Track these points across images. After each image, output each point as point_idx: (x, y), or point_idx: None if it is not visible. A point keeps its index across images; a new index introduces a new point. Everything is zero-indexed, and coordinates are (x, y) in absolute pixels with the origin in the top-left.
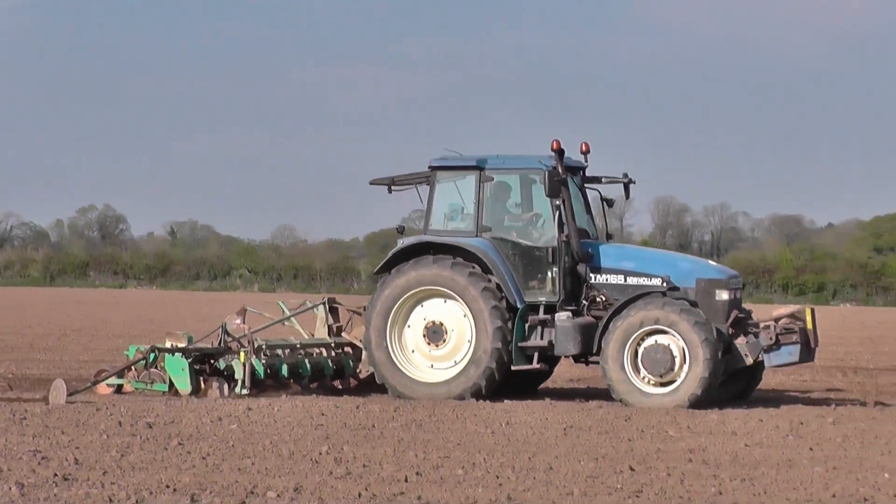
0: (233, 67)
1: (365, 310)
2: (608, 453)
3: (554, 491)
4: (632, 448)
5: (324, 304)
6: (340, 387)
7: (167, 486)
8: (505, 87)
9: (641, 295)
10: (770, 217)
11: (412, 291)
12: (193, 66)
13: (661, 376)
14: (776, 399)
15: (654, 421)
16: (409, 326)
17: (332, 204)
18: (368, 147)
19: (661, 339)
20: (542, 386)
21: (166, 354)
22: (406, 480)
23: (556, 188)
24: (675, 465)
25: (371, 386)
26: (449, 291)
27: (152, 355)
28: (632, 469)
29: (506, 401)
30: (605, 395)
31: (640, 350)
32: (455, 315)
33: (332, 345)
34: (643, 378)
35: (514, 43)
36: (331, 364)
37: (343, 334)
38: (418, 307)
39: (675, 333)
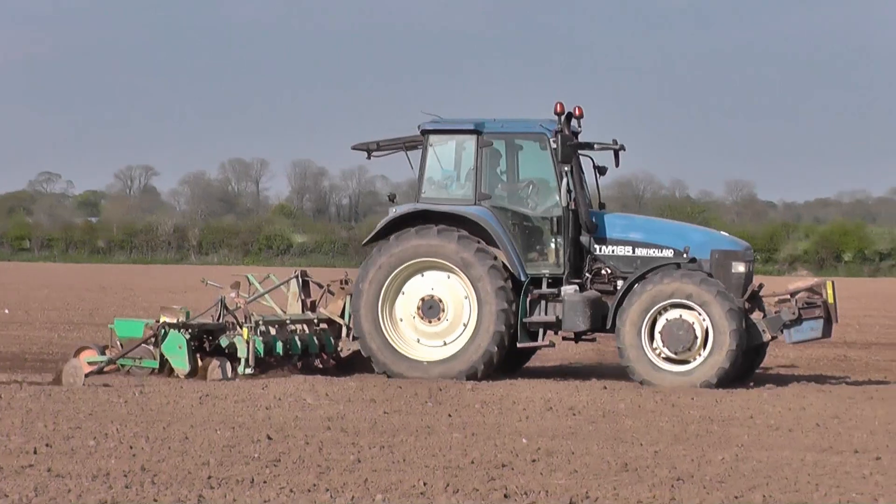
0: None
1: (345, 284)
2: (245, 422)
3: (189, 461)
4: (269, 416)
5: (297, 277)
6: (321, 366)
7: None
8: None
9: (660, 266)
10: (408, 181)
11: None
12: None
13: (677, 353)
14: None
15: (292, 389)
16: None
17: None
18: None
19: (683, 314)
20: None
21: (163, 330)
22: (35, 452)
23: (568, 153)
24: (313, 434)
25: (352, 365)
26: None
27: (162, 331)
28: (269, 438)
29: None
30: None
31: (660, 323)
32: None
33: (316, 321)
34: (659, 353)
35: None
36: (315, 341)
37: (319, 309)
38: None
39: (704, 314)
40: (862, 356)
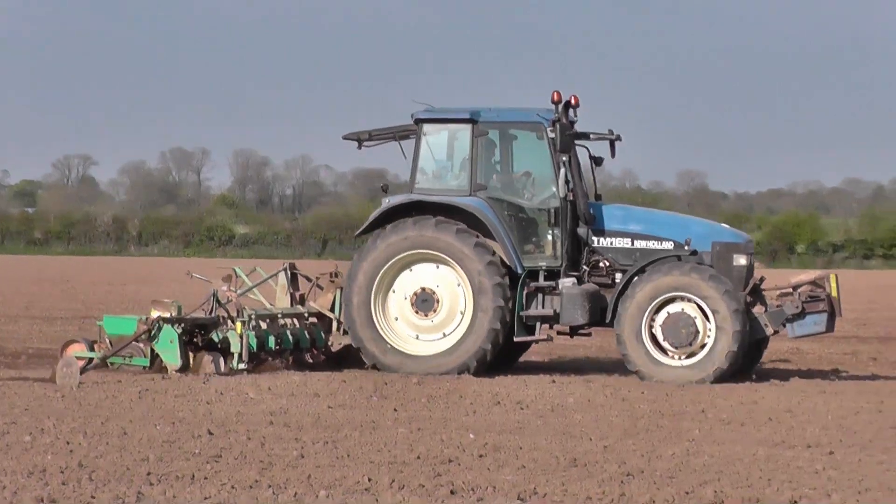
0: None
1: (334, 277)
2: (186, 417)
3: (128, 457)
4: (210, 411)
5: (285, 270)
6: (311, 361)
7: None
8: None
9: (661, 259)
10: (353, 171)
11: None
12: None
13: (682, 347)
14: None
15: (234, 383)
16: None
17: None
18: None
19: (683, 306)
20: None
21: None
22: None
23: (567, 142)
24: (255, 429)
25: (344, 360)
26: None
27: (156, 326)
28: (210, 433)
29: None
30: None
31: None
32: (453, 294)
33: (306, 315)
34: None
35: None
36: (307, 335)
37: (309, 303)
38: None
39: (702, 302)
40: (815, 350)
